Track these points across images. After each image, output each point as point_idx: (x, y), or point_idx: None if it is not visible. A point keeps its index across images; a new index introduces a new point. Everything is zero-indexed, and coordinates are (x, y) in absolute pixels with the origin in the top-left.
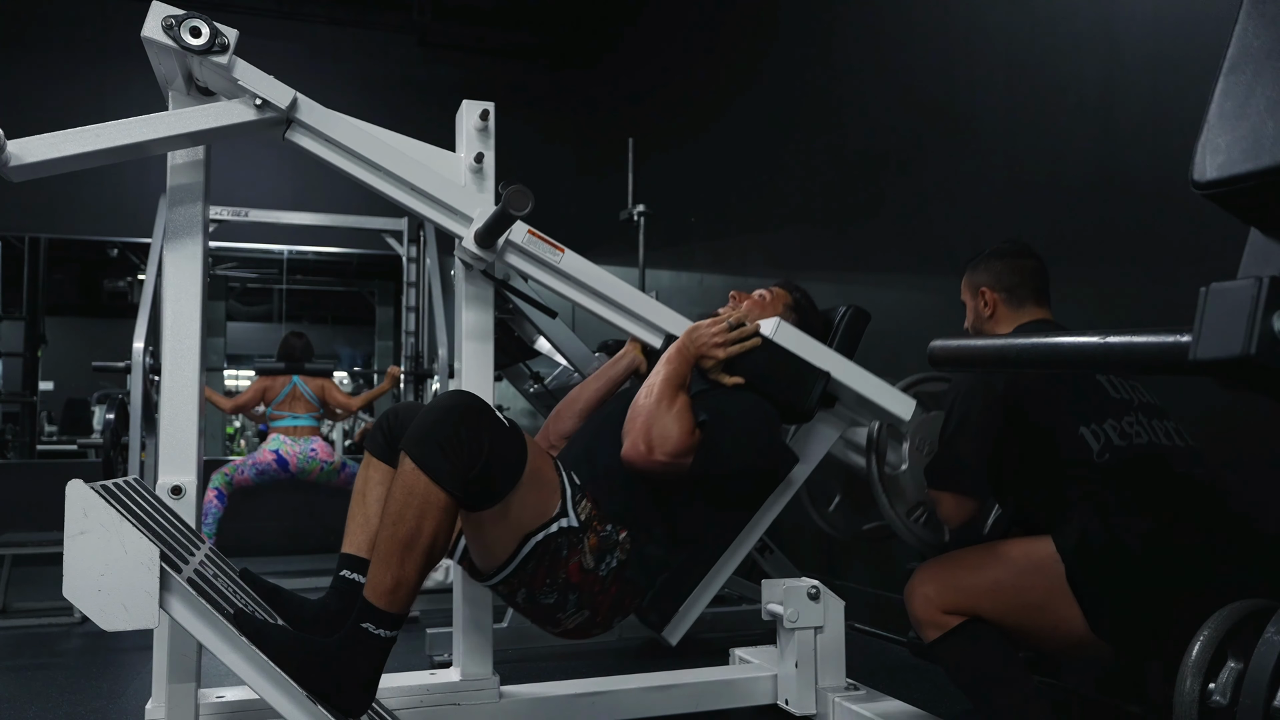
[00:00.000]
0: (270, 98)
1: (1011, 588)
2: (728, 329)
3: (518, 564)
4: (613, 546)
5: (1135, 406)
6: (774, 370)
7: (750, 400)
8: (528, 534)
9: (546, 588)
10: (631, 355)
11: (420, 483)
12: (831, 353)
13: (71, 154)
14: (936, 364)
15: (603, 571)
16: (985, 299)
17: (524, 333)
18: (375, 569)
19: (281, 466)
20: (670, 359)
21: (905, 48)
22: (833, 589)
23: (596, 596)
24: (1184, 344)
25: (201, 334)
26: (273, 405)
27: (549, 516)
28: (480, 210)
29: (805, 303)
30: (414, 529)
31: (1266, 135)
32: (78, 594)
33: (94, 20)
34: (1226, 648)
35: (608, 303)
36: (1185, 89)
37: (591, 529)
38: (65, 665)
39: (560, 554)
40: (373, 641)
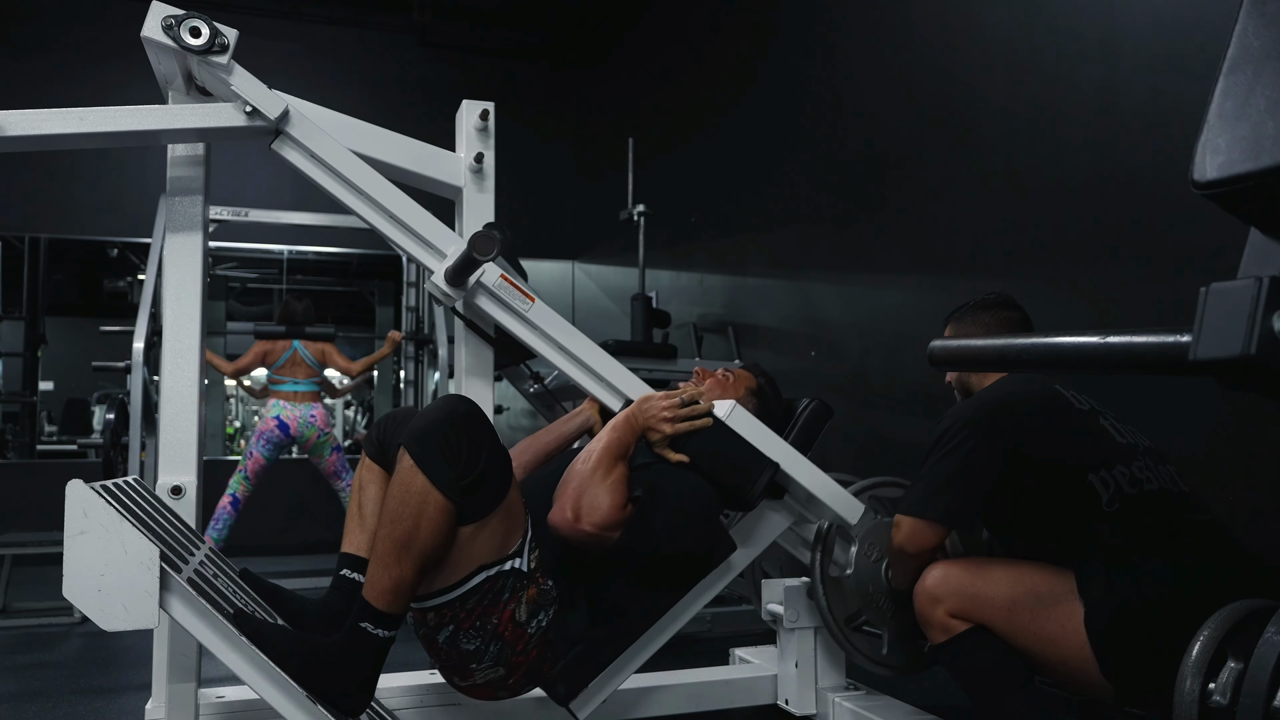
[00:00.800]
0: (261, 107)
1: (1028, 613)
2: (679, 404)
3: (461, 594)
4: (548, 603)
5: (1141, 451)
6: (722, 454)
7: (691, 481)
8: (481, 565)
9: (472, 631)
10: (587, 414)
11: (418, 481)
12: (784, 445)
13: (52, 133)
14: (936, 364)
15: (531, 629)
16: None
17: None
18: (374, 569)
19: (283, 431)
20: (616, 426)
21: (905, 48)
22: None
23: (516, 655)
24: (1184, 344)
25: (201, 334)
26: (273, 369)
27: (506, 553)
28: (455, 248)
29: (769, 389)
30: (411, 528)
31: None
32: (78, 594)
33: (94, 20)
34: (1226, 648)
35: (572, 360)
36: (1185, 89)
37: (535, 580)
38: (65, 665)
39: (501, 597)
40: (372, 641)
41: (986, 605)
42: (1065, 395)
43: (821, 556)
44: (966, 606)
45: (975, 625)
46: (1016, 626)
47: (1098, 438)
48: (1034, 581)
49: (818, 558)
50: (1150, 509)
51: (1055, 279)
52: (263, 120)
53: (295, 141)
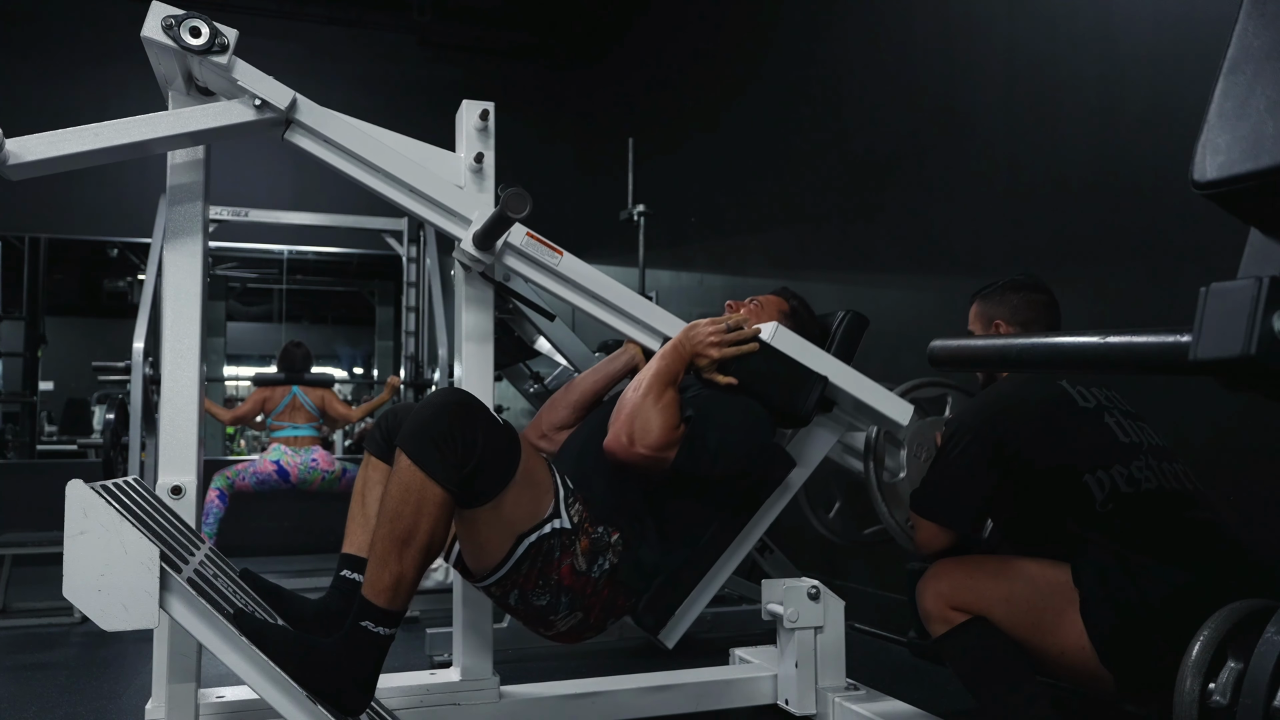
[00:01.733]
0: (269, 98)
1: (1025, 603)
2: (725, 330)
3: (511, 565)
4: (604, 549)
5: (1145, 450)
6: (771, 374)
7: (742, 403)
8: (521, 535)
9: (539, 589)
10: (631, 353)
11: (416, 479)
12: (829, 357)
13: (70, 153)
14: (936, 364)
15: (595, 574)
16: (1000, 331)
17: (524, 333)
18: (373, 567)
19: (282, 478)
20: (664, 355)
21: (905, 48)
22: (833, 589)
23: (589, 599)
24: (1184, 344)
25: (201, 334)
26: (272, 416)
27: (542, 517)
28: (479, 212)
29: (802, 309)
30: (411, 525)
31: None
32: (78, 594)
33: (94, 20)
34: (1226, 648)
35: (606, 306)
36: (1185, 89)
37: (583, 531)
38: (65, 665)
39: (553, 556)
40: (372, 640)
41: (985, 597)
42: (1070, 393)
43: (875, 464)
44: (966, 600)
45: (975, 616)
46: (1015, 618)
47: (1099, 437)
48: (1030, 574)
49: (871, 465)
50: (1146, 508)
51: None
52: (273, 112)
53: (307, 128)
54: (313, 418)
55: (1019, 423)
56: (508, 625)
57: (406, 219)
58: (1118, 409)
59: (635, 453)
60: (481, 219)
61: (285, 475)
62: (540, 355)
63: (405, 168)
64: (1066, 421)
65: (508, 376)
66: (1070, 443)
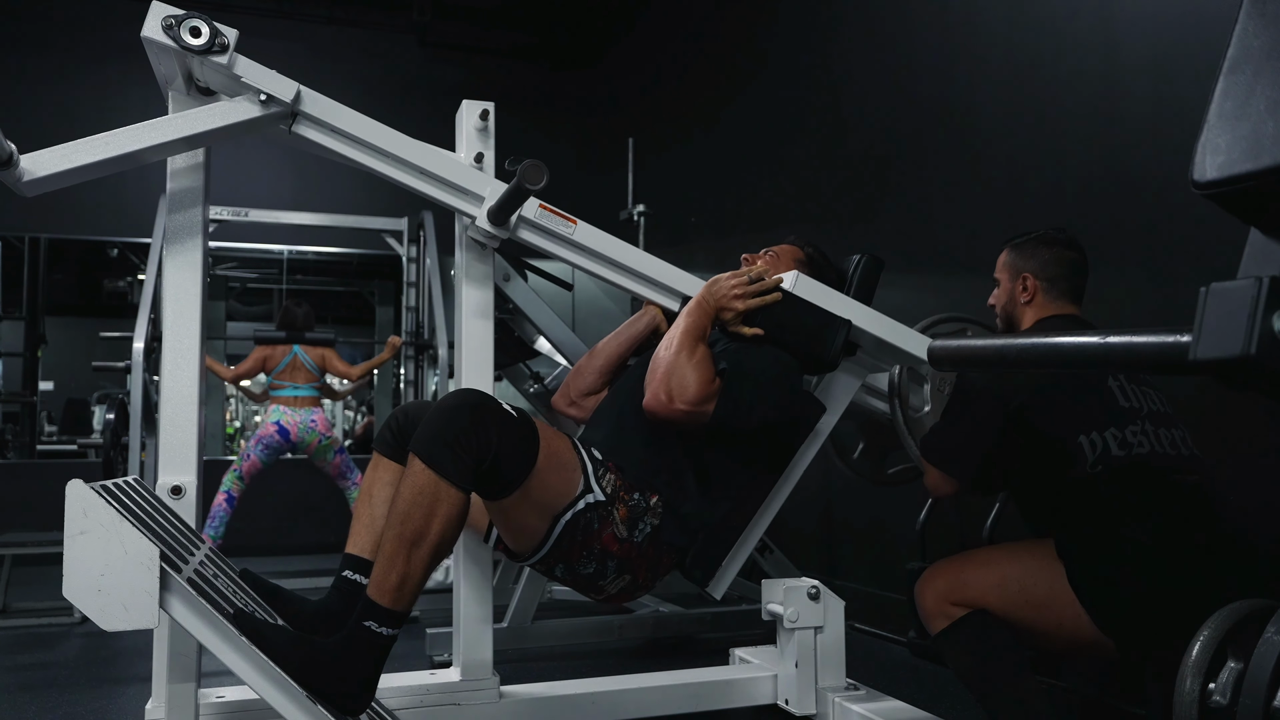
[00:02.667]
0: (274, 92)
1: (1017, 584)
2: (748, 282)
3: (551, 544)
4: (643, 513)
5: (1144, 415)
6: (795, 322)
7: (770, 353)
8: (556, 515)
9: (584, 560)
10: (651, 314)
11: (430, 480)
12: (850, 300)
13: (83, 164)
14: (936, 364)
15: (637, 538)
16: (1026, 284)
17: (524, 333)
18: (380, 566)
19: (284, 437)
20: (690, 311)
21: (905, 48)
22: (833, 589)
23: (635, 561)
24: (1184, 344)
25: (201, 334)
26: (273, 375)
27: (574, 495)
28: (491, 189)
29: (818, 256)
30: (421, 526)
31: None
32: (78, 594)
33: (94, 20)
34: (1226, 648)
35: (623, 270)
36: (1185, 89)
37: (619, 500)
38: (65, 665)
39: (592, 528)
40: (374, 640)
41: (979, 587)
42: None
43: (900, 402)
44: (961, 594)
45: (971, 612)
46: (1010, 601)
47: (1100, 399)
48: (1017, 555)
49: (896, 404)
50: (1135, 471)
51: None
52: (278, 105)
53: (314, 119)
54: (313, 377)
55: (1023, 383)
56: (508, 625)
57: (406, 219)
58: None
59: (675, 409)
60: (495, 195)
61: (286, 434)
62: (540, 355)
63: (414, 150)
64: (1069, 382)
65: (508, 376)
66: (1070, 404)
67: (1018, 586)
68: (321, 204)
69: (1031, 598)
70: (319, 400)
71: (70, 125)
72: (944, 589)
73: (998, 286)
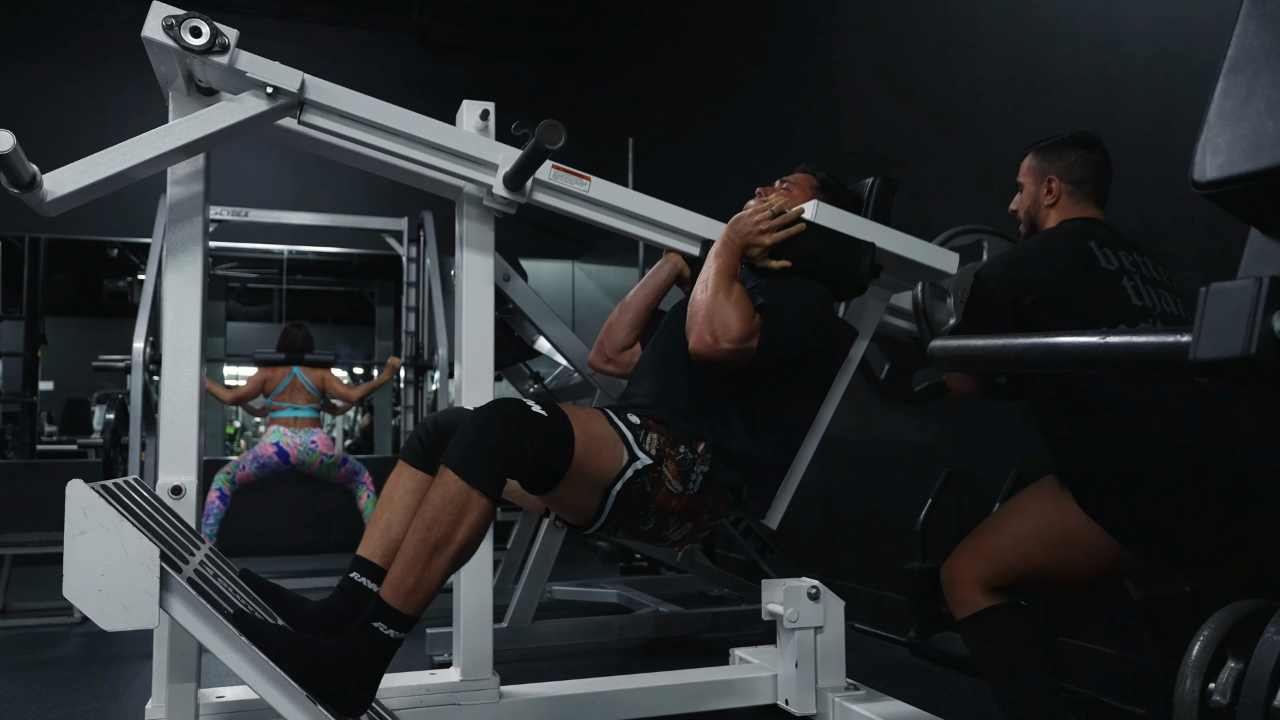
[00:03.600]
0: (280, 83)
1: (1032, 534)
2: (770, 216)
3: (608, 514)
4: (692, 463)
5: (1155, 315)
6: (821, 251)
7: (802, 284)
8: (607, 488)
9: (643, 519)
10: (673, 262)
11: (461, 489)
12: (871, 223)
13: (102, 178)
14: (936, 364)
15: (692, 489)
16: (1051, 187)
17: (524, 333)
18: (399, 569)
19: (282, 459)
20: (718, 252)
21: (905, 48)
22: (833, 589)
23: (693, 510)
24: (1184, 344)
25: (201, 334)
26: (272, 396)
27: (620, 466)
28: (504, 156)
29: (831, 181)
30: (447, 533)
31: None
32: (78, 594)
33: (94, 20)
34: (1226, 648)
35: (641, 220)
36: (1185, 89)
37: (666, 457)
38: (65, 665)
39: (645, 490)
40: (381, 642)
41: (1000, 555)
42: (1095, 254)
43: (925, 318)
44: (989, 567)
45: (996, 605)
46: (1034, 552)
47: (1111, 299)
48: (1023, 506)
49: (923, 320)
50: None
51: None
52: (285, 97)
53: (322, 107)
54: (313, 398)
55: (1037, 279)
56: (508, 625)
57: (406, 219)
58: (1140, 274)
59: (721, 349)
60: (509, 161)
61: (285, 456)
62: (540, 355)
63: (422, 125)
64: (1082, 280)
65: (508, 376)
66: (1081, 303)
67: (1034, 536)
68: (321, 204)
69: (1050, 539)
70: (319, 421)
71: (70, 125)
72: (968, 569)
73: (1020, 191)
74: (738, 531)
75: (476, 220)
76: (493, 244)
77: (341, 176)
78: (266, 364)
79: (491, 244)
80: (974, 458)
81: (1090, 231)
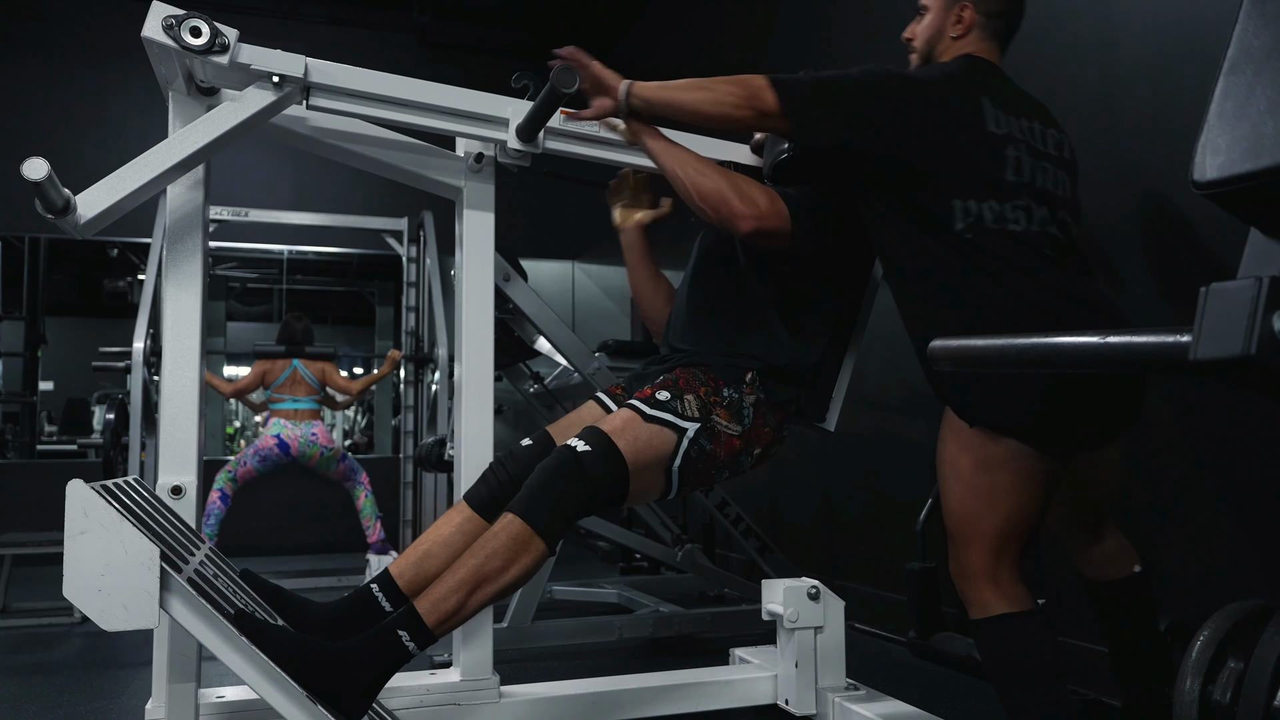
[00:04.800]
0: (285, 71)
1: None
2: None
3: (679, 484)
4: (740, 400)
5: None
6: None
7: None
8: (668, 468)
9: (716, 471)
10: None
11: (524, 532)
12: None
13: (130, 192)
14: (937, 363)
15: (747, 421)
16: (963, 16)
17: (524, 333)
18: (444, 588)
19: (283, 450)
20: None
21: (905, 48)
22: (833, 589)
23: (758, 438)
24: (1184, 344)
25: (201, 334)
26: (273, 388)
27: (673, 445)
28: (514, 109)
29: None
30: (501, 567)
31: (1266, 135)
32: (78, 594)
33: (94, 20)
34: (1226, 648)
35: None
36: (1185, 89)
37: (712, 408)
38: (65, 665)
39: (705, 450)
40: (399, 651)
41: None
42: (986, 111)
43: None
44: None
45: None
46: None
47: (988, 166)
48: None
49: None
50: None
51: None
52: (291, 84)
53: (328, 88)
54: (313, 391)
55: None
56: (508, 625)
57: (406, 219)
58: (1028, 144)
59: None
60: (519, 114)
61: (286, 448)
62: (540, 355)
63: (428, 91)
64: (965, 136)
65: (508, 376)
66: (955, 160)
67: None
68: (321, 204)
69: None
70: (319, 413)
71: (70, 125)
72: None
73: (920, 17)
74: (738, 531)
75: (477, 208)
76: (492, 237)
77: (341, 176)
78: (267, 356)
79: (491, 237)
80: None
81: (987, 84)
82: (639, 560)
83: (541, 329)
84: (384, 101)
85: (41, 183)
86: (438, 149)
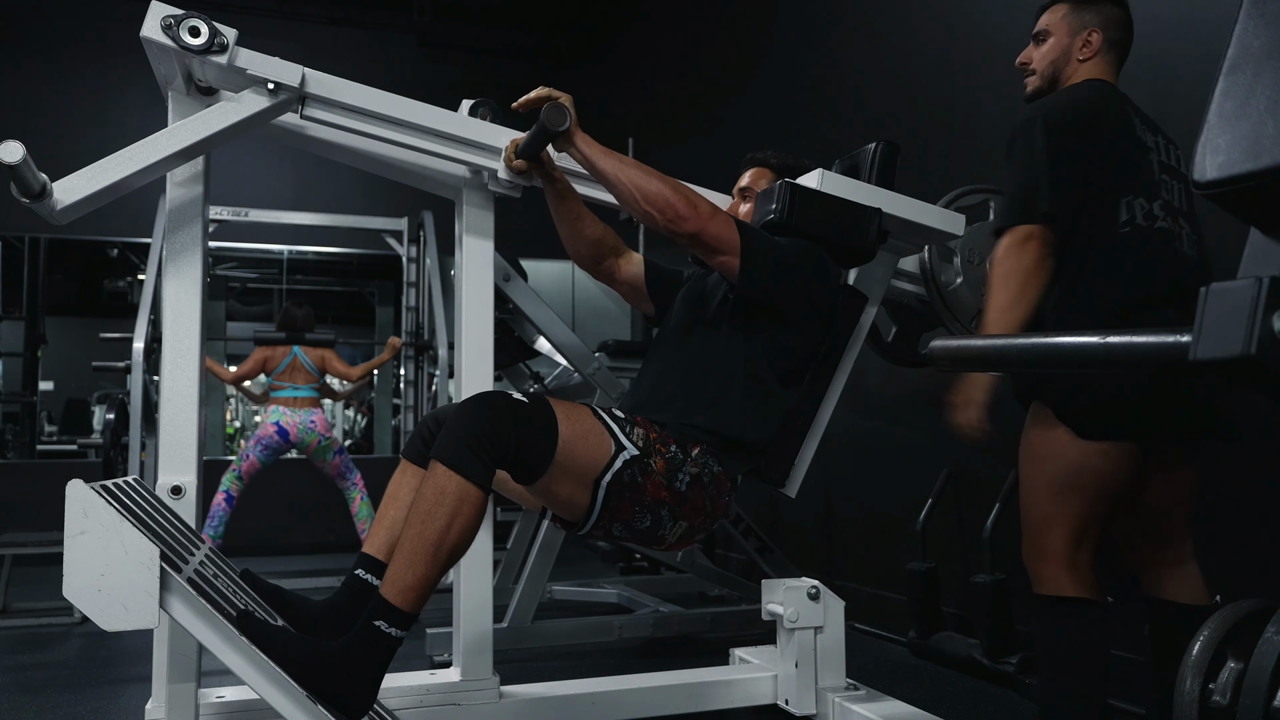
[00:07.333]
0: (281, 79)
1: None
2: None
3: (600, 507)
4: (681, 464)
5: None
6: (828, 219)
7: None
8: (596, 480)
9: (638, 514)
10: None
11: (452, 482)
12: (876, 189)
13: (111, 183)
14: (938, 363)
15: (680, 487)
16: (1091, 39)
17: (524, 333)
18: (397, 566)
19: (283, 437)
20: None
21: (905, 47)
22: (833, 589)
23: (684, 508)
24: (1184, 344)
25: (201, 334)
26: (273, 376)
27: (608, 456)
28: (507, 139)
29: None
30: (443, 528)
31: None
32: (78, 594)
33: (94, 20)
34: (1226, 648)
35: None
36: (1185, 89)
37: (655, 451)
38: (65, 665)
39: (636, 481)
40: (383, 640)
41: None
42: (1131, 120)
43: (933, 280)
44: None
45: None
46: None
47: (1142, 173)
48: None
49: (932, 282)
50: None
51: None
52: (286, 92)
53: (323, 100)
54: (313, 378)
55: (1082, 117)
56: (508, 625)
57: (406, 219)
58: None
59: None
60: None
61: (285, 435)
62: (540, 355)
63: (423, 113)
64: (1123, 141)
65: (508, 376)
66: (1117, 161)
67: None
68: (321, 204)
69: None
70: (318, 401)
71: (70, 125)
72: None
73: (1041, 42)
74: (738, 531)
75: (477, 208)
76: (492, 237)
77: (341, 176)
78: (267, 343)
79: (491, 237)
80: (974, 458)
81: (1126, 98)
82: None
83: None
84: (380, 119)
85: (17, 165)
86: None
